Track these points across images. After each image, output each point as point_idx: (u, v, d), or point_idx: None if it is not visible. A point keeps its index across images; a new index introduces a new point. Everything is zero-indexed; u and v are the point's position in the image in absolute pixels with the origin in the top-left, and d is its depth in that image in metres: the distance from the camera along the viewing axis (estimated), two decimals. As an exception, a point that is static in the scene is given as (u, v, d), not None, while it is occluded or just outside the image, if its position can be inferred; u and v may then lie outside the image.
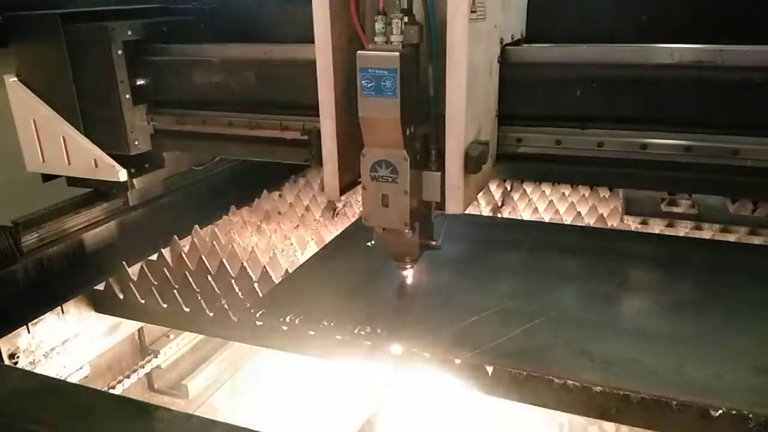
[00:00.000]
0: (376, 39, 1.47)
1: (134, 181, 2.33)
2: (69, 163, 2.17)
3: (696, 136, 1.68)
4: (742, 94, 1.64)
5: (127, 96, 2.15)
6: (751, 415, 1.33)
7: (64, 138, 2.14)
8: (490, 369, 1.53)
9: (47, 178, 2.29)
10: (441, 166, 1.56)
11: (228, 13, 2.40)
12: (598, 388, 1.42)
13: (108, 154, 2.15)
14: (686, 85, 1.67)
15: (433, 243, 1.74)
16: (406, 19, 1.46)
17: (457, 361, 1.55)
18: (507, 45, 1.77)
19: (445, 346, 1.59)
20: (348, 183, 1.70)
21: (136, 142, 2.21)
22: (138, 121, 2.21)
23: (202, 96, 2.18)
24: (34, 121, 2.17)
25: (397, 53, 1.42)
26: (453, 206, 1.57)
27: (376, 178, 1.57)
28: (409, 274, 1.82)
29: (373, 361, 1.65)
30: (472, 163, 1.53)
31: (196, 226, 2.42)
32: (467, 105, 1.48)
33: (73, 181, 2.31)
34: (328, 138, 1.64)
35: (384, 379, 1.64)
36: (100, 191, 2.34)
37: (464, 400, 2.29)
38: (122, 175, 2.16)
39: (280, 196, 2.87)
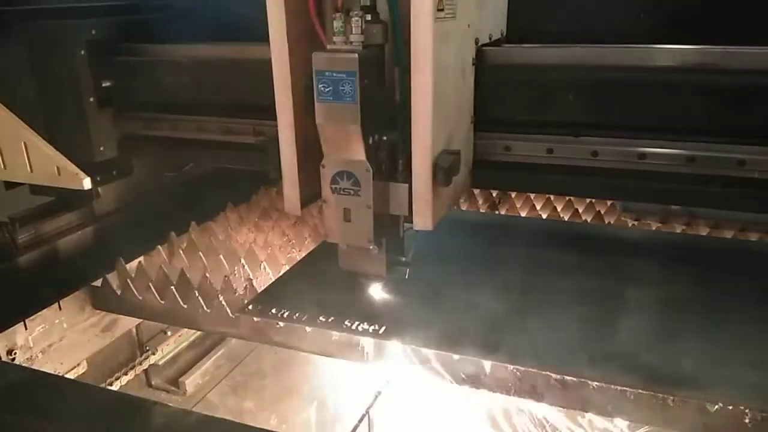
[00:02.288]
0: (335, 39, 1.35)
1: (100, 189, 2.23)
2: (31, 171, 2.01)
3: (698, 145, 1.57)
4: (749, 99, 1.51)
5: (92, 99, 2.03)
6: (747, 411, 1.34)
7: (25, 144, 1.97)
8: (488, 365, 1.53)
9: (10, 185, 2.17)
10: (409, 177, 1.43)
11: (202, 10, 2.23)
12: (595, 383, 1.43)
13: (72, 161, 1.98)
14: (686, 89, 1.56)
15: (403, 260, 1.64)
16: (368, 17, 1.34)
17: (456, 357, 1.56)
18: (483, 45, 1.66)
19: (442, 342, 1.59)
20: (311, 195, 1.58)
21: (102, 148, 2.09)
22: (104, 126, 2.09)
23: (172, 99, 2.06)
24: None
25: (356, 55, 1.30)
26: (421, 221, 1.44)
27: (337, 190, 1.46)
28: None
29: (371, 357, 1.66)
30: (441, 175, 1.40)
31: (194, 222, 2.42)
32: (435, 110, 1.36)
33: (36, 189, 2.19)
34: (287, 147, 1.51)
35: (381, 375, 1.65)
36: (65, 200, 2.22)
37: (462, 396, 2.30)
38: (86, 183, 1.98)
39: (277, 192, 2.86)
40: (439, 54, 1.34)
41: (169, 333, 2.63)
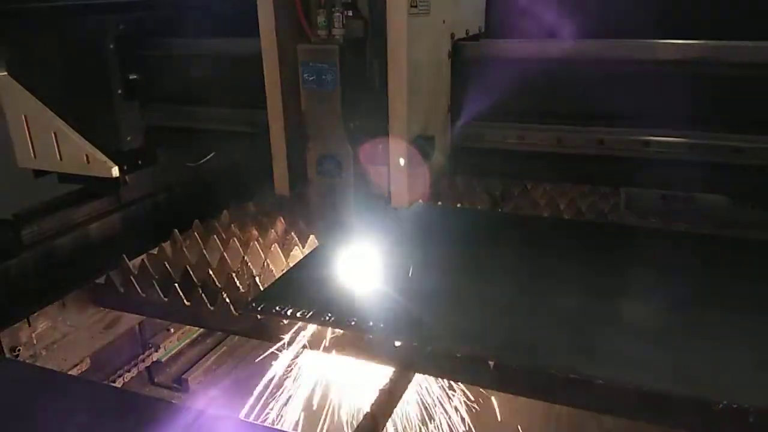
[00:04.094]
0: (319, 32, 1.49)
1: (126, 177, 2.28)
2: (60, 159, 2.14)
3: (694, 134, 1.67)
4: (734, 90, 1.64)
5: (120, 91, 2.11)
6: (751, 409, 1.33)
7: (55, 134, 2.10)
8: (491, 363, 1.53)
9: (39, 174, 2.26)
10: (388, 160, 1.56)
11: (225, 6, 2.32)
12: (600, 381, 1.43)
13: (100, 150, 2.11)
14: (649, 81, 1.68)
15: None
16: (349, 12, 1.47)
17: (459, 355, 1.55)
18: (460, 40, 1.78)
19: (446, 339, 1.59)
20: (299, 177, 1.70)
21: (129, 138, 2.17)
22: (131, 117, 2.17)
23: (196, 91, 2.15)
24: (25, 116, 2.13)
25: (336, 47, 1.44)
26: (398, 200, 1.58)
27: (321, 172, 1.58)
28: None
29: (375, 354, 1.66)
30: (414, 158, 1.55)
31: (197, 220, 2.42)
32: (410, 99, 1.49)
33: (64, 178, 2.27)
34: (276, 132, 1.64)
35: (385, 372, 1.65)
36: (91, 188, 2.31)
37: (465, 393, 2.29)
38: (114, 171, 2.12)
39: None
40: (413, 47, 1.47)
41: (172, 330, 2.63)
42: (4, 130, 2.22)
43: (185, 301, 1.95)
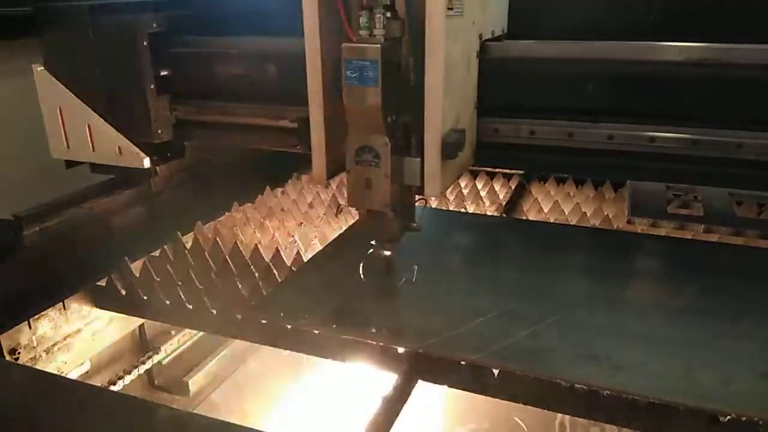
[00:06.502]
0: (361, 32, 1.56)
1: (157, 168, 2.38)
2: (93, 150, 2.22)
3: (699, 131, 1.74)
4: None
5: (152, 86, 2.20)
6: (760, 422, 1.31)
7: (89, 126, 2.18)
8: (496, 371, 1.51)
9: (71, 164, 2.33)
10: (421, 153, 1.64)
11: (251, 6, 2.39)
12: (606, 392, 1.41)
13: (133, 143, 2.20)
14: (653, 80, 1.76)
15: (414, 225, 1.81)
16: (389, 14, 1.55)
17: (463, 363, 1.54)
18: (486, 41, 1.88)
19: (451, 347, 1.58)
20: (334, 168, 1.78)
21: (160, 131, 2.26)
22: (161, 111, 2.25)
23: (224, 87, 2.22)
24: (60, 109, 2.21)
25: (379, 46, 1.52)
26: (431, 189, 1.66)
27: (359, 162, 1.65)
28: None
29: (378, 361, 1.64)
30: (448, 150, 1.62)
31: (199, 222, 2.41)
32: (444, 96, 1.58)
33: (96, 168, 2.36)
34: (317, 125, 1.72)
35: (387, 379, 1.63)
36: (122, 179, 2.41)
37: (470, 401, 2.28)
38: (146, 162, 2.21)
39: (283, 192, 2.86)
40: (448, 47, 1.56)
41: (173, 332, 2.61)
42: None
43: (187, 304, 1.94)
